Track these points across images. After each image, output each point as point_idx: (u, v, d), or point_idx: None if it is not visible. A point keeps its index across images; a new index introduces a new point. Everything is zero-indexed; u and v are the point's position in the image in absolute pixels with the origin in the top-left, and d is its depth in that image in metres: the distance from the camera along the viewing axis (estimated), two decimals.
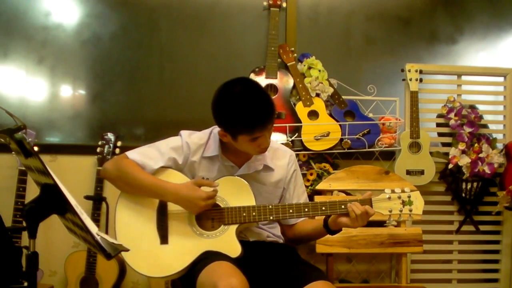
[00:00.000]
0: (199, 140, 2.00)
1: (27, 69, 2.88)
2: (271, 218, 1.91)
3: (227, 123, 1.85)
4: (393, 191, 1.92)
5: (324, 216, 1.94)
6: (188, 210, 1.88)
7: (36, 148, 2.57)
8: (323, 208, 1.90)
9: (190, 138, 1.99)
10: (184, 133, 2.02)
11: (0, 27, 2.85)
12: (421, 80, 2.86)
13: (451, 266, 2.97)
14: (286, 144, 2.56)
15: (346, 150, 2.75)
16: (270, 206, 1.91)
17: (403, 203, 1.91)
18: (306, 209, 1.91)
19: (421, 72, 2.86)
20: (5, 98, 2.86)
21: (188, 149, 1.97)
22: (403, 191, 1.92)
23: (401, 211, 1.91)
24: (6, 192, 2.65)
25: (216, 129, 1.99)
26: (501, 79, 2.99)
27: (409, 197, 1.91)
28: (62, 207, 1.39)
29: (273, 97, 2.76)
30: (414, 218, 1.94)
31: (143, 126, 2.98)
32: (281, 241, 2.07)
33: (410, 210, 1.91)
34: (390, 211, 1.90)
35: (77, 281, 2.62)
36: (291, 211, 1.91)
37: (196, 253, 1.85)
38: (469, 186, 2.86)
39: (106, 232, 2.43)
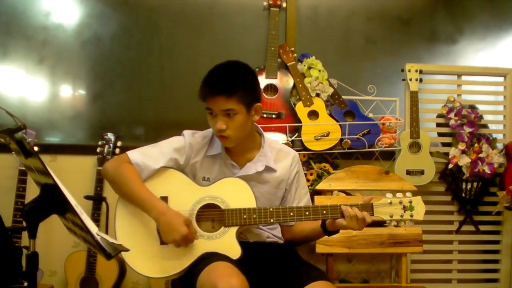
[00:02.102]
0: (203, 139, 2.00)
1: (27, 69, 2.88)
2: (271, 220, 1.90)
3: None
4: (394, 195, 1.92)
5: None
6: (162, 234, 1.84)
7: (36, 148, 2.57)
8: (324, 212, 1.89)
9: (193, 138, 1.99)
10: (187, 133, 2.02)
11: (0, 27, 2.85)
12: (421, 80, 2.86)
13: (451, 266, 2.97)
14: (286, 144, 2.56)
15: (346, 150, 2.75)
16: (271, 209, 1.90)
17: (404, 208, 1.90)
18: (307, 213, 1.90)
19: (421, 72, 2.86)
20: (5, 98, 2.86)
21: (190, 150, 1.97)
22: (404, 196, 1.92)
23: (402, 216, 1.90)
24: (6, 192, 2.65)
25: None
26: (501, 79, 2.99)
27: (410, 202, 1.91)
28: (62, 207, 1.39)
29: (273, 97, 2.77)
30: (414, 222, 1.94)
31: (143, 126, 2.99)
32: (281, 241, 2.07)
33: (411, 216, 1.90)
34: (391, 216, 1.90)
35: (77, 281, 2.62)
36: (291, 214, 1.90)
37: (196, 254, 1.85)
38: (469, 186, 2.86)
39: (106, 232, 2.43)
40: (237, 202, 1.90)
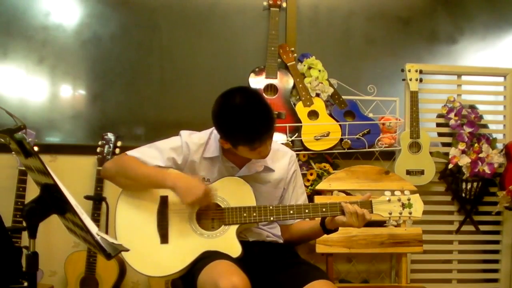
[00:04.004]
0: (199, 140, 2.00)
1: (27, 69, 2.88)
2: (271, 218, 1.91)
3: (226, 134, 1.85)
4: (393, 194, 1.92)
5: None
6: (183, 197, 1.84)
7: (36, 148, 2.56)
8: (323, 209, 1.90)
9: (190, 138, 1.99)
10: (184, 133, 2.02)
11: (0, 27, 2.85)
12: (421, 80, 2.86)
13: (451, 266, 2.97)
14: (286, 144, 2.56)
15: (346, 150, 2.75)
16: (271, 207, 1.91)
17: (403, 206, 1.91)
18: (307, 210, 1.92)
19: (421, 72, 2.86)
20: (5, 98, 2.86)
21: (187, 149, 1.97)
22: (403, 194, 1.93)
23: (400, 213, 1.91)
24: (6, 192, 2.65)
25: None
26: (501, 79, 2.99)
27: (409, 199, 1.92)
28: (62, 207, 1.39)
29: (273, 97, 2.77)
30: (413, 220, 1.95)
31: (143, 126, 2.99)
32: (280, 241, 2.07)
33: (410, 213, 1.91)
34: (390, 214, 1.91)
35: (77, 281, 2.62)
36: (291, 212, 1.91)
37: (196, 253, 1.85)
38: (469, 186, 2.86)
39: (106, 232, 2.43)
40: (237, 200, 1.91)
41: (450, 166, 2.83)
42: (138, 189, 1.94)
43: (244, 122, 1.79)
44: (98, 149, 2.68)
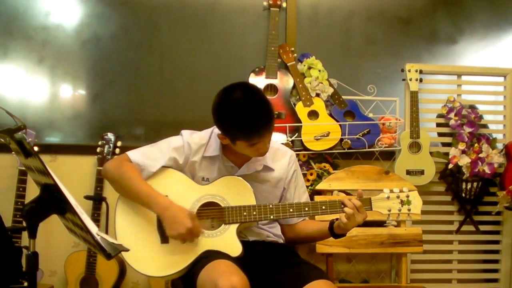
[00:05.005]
0: (200, 140, 2.00)
1: (27, 69, 2.88)
2: (271, 217, 1.91)
3: (225, 129, 1.86)
4: (391, 191, 1.93)
5: (330, 219, 1.95)
6: (167, 228, 1.83)
7: (36, 148, 2.57)
8: (323, 207, 1.90)
9: (191, 138, 2.00)
10: (185, 132, 2.02)
11: (0, 27, 2.85)
12: (421, 80, 2.86)
13: (451, 266, 2.97)
14: (286, 144, 2.56)
15: (346, 150, 2.75)
16: (271, 206, 1.91)
17: (402, 203, 1.92)
18: (306, 208, 1.92)
19: (421, 72, 2.86)
20: (5, 98, 2.86)
21: (189, 149, 1.97)
22: (401, 191, 1.93)
23: (399, 210, 1.92)
24: (6, 192, 2.65)
25: (217, 129, 2.00)
26: (501, 79, 2.99)
27: (407, 196, 1.92)
28: (62, 207, 1.39)
29: (273, 97, 2.77)
30: (412, 217, 1.96)
31: (143, 126, 2.99)
32: (281, 241, 2.07)
33: (409, 210, 1.92)
34: (389, 211, 1.91)
35: (77, 281, 2.62)
36: (291, 210, 1.92)
37: (197, 253, 1.85)
38: (469, 186, 2.86)
39: (106, 232, 2.43)
40: (236, 199, 1.91)
41: (450, 166, 2.83)
42: (132, 201, 1.94)
43: (243, 116, 1.79)
44: (98, 149, 2.68)
